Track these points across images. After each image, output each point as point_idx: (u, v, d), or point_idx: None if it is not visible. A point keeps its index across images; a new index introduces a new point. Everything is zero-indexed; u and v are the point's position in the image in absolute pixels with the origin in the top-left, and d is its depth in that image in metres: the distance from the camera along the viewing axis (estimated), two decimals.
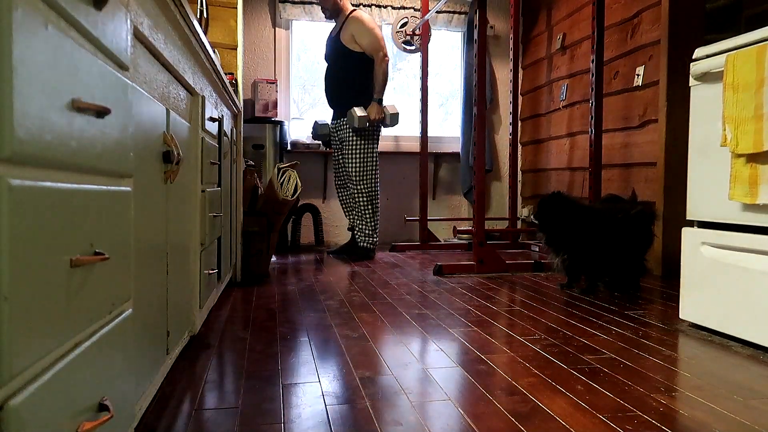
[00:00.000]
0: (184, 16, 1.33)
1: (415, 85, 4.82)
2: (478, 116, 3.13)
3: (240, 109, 2.91)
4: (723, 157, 1.80)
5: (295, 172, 3.16)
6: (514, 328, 1.96)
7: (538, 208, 2.58)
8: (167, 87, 1.30)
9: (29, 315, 0.53)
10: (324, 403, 1.28)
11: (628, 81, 3.41)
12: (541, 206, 2.57)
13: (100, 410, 0.72)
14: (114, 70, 0.78)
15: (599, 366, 1.54)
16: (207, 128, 1.80)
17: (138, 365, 1.03)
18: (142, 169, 1.04)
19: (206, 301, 1.90)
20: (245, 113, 4.35)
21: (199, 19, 2.73)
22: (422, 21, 4.24)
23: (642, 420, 1.19)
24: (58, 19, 0.61)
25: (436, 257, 3.91)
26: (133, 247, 0.93)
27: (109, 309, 0.78)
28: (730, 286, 1.79)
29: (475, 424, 1.17)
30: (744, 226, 1.77)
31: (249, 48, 4.49)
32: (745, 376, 1.48)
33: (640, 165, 3.30)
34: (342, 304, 2.34)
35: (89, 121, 0.68)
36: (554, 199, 2.55)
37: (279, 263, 3.60)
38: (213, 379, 1.45)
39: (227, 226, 2.49)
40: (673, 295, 2.49)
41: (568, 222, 2.51)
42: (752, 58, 1.66)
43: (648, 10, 3.23)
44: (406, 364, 1.57)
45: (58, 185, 0.60)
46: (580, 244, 2.52)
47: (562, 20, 4.25)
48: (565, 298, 2.49)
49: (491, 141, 4.91)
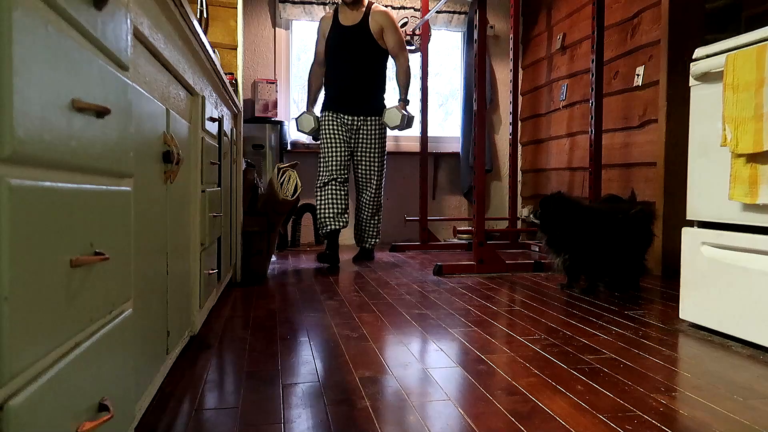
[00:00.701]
0: (184, 16, 1.33)
1: (415, 85, 4.81)
2: (478, 116, 3.13)
3: (240, 109, 2.91)
4: (723, 157, 1.80)
5: (295, 172, 3.16)
6: (514, 328, 1.96)
7: (540, 209, 2.58)
8: (167, 87, 1.30)
9: (29, 315, 0.53)
10: (324, 403, 1.28)
11: (628, 81, 3.41)
12: (542, 207, 2.57)
13: (100, 410, 0.72)
14: (114, 70, 0.78)
15: (599, 366, 1.54)
16: (207, 128, 1.80)
17: (138, 365, 1.03)
18: (142, 169, 1.04)
19: (206, 301, 1.90)
20: (245, 113, 4.35)
21: (199, 19, 2.73)
22: (422, 21, 4.24)
23: (642, 420, 1.19)
24: (58, 19, 0.61)
25: (436, 257, 3.91)
26: (133, 247, 0.93)
27: (109, 309, 0.78)
28: (730, 286, 1.79)
29: (475, 424, 1.17)
30: (744, 226, 1.77)
31: (249, 48, 4.49)
32: (745, 376, 1.48)
33: (640, 165, 3.30)
34: (342, 304, 2.34)
35: (89, 121, 0.68)
36: (555, 200, 2.55)
37: (279, 263, 3.60)
38: (213, 379, 1.45)
39: (227, 226, 2.49)
40: (673, 295, 2.49)
41: (570, 222, 2.51)
42: (752, 58, 1.66)
43: (648, 10, 3.23)
44: (406, 364, 1.57)
45: (58, 185, 0.60)
46: (580, 244, 2.52)
47: (562, 20, 4.25)
48: (565, 298, 2.49)
49: (491, 141, 4.91)
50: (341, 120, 3.55)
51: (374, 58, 3.54)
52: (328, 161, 3.52)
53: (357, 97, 3.54)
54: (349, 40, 3.51)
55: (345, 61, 3.52)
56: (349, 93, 3.54)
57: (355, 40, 3.51)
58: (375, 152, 3.57)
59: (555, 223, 2.54)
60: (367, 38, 3.50)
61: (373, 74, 3.56)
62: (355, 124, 3.56)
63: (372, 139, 3.57)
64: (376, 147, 3.57)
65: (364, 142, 3.57)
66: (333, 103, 3.57)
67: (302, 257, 3.89)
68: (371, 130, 3.56)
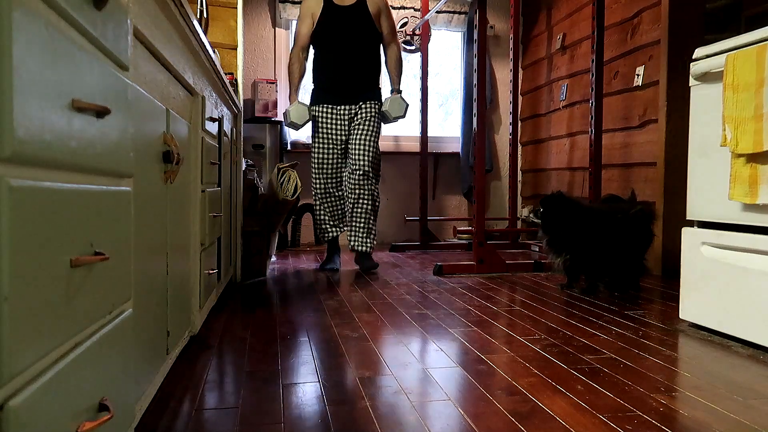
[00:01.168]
0: (184, 16, 1.33)
1: (415, 85, 4.81)
2: (478, 116, 3.13)
3: (240, 109, 2.91)
4: (723, 157, 1.80)
5: (295, 172, 3.16)
6: (514, 328, 1.96)
7: (541, 208, 2.57)
8: (167, 87, 1.30)
9: (29, 315, 0.53)
10: (324, 403, 1.28)
11: (628, 81, 3.41)
12: (543, 206, 2.57)
13: (100, 410, 0.72)
14: (114, 70, 0.78)
15: (599, 366, 1.54)
16: (207, 128, 1.80)
17: (138, 365, 1.03)
18: (142, 169, 1.04)
19: (206, 301, 1.90)
20: (245, 113, 4.35)
21: (199, 19, 2.73)
22: (422, 21, 4.24)
23: (642, 420, 1.19)
24: (58, 20, 0.61)
25: (436, 257, 3.91)
26: (133, 247, 0.93)
27: (109, 309, 0.78)
28: (730, 286, 1.79)
29: (475, 424, 1.17)
30: (744, 226, 1.77)
31: (249, 48, 4.49)
32: (745, 376, 1.48)
33: (640, 165, 3.30)
34: (342, 304, 2.34)
35: (89, 121, 0.68)
36: (556, 200, 2.54)
37: (279, 263, 3.60)
38: (213, 379, 1.45)
39: (227, 226, 2.49)
40: (673, 295, 2.49)
41: (570, 222, 2.51)
42: (752, 58, 1.66)
43: (648, 10, 3.23)
44: (406, 364, 1.57)
45: (58, 185, 0.60)
46: (581, 244, 2.52)
47: (562, 20, 4.25)
48: (565, 298, 2.49)
49: (491, 141, 4.91)
50: (338, 113, 3.25)
51: (372, 42, 3.26)
52: (324, 164, 3.25)
53: (356, 84, 3.23)
54: (346, 21, 3.18)
55: (341, 44, 3.19)
56: (348, 79, 3.22)
57: (353, 21, 3.18)
58: (372, 139, 3.21)
59: (556, 223, 2.54)
60: (366, 19, 3.20)
61: (372, 58, 3.27)
62: (353, 111, 3.25)
63: (371, 130, 3.22)
64: (375, 137, 3.22)
65: (361, 128, 3.21)
66: (328, 94, 3.25)
67: (302, 257, 3.89)
68: (369, 115, 3.23)
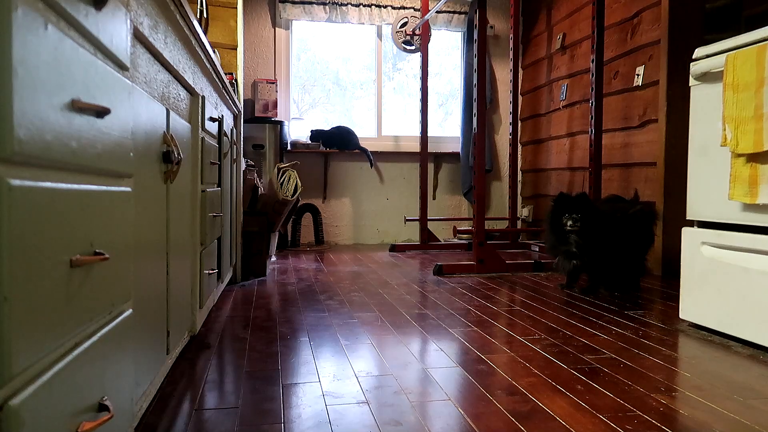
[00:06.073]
0: (184, 16, 1.33)
1: (415, 85, 4.81)
2: (478, 116, 3.13)
3: (240, 109, 2.91)
4: (723, 157, 1.80)
5: (295, 172, 3.16)
6: (514, 328, 1.96)
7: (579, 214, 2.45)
8: (167, 87, 1.30)
9: (29, 315, 0.53)
10: (324, 403, 1.28)
11: (628, 81, 3.41)
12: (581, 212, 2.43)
13: (100, 410, 0.72)
14: (114, 70, 0.78)
15: (599, 366, 1.54)
16: (207, 128, 1.80)
17: (138, 365, 1.03)
18: (142, 169, 1.04)
19: (206, 301, 1.90)
20: (245, 113, 4.35)
21: (199, 19, 2.73)
22: (422, 21, 4.24)
23: (642, 420, 1.19)
24: (58, 19, 0.61)
25: (436, 257, 3.91)
26: (133, 247, 0.93)
27: (109, 309, 0.78)
28: (730, 286, 1.79)
29: (475, 424, 1.17)
30: (744, 226, 1.77)
31: (249, 48, 4.49)
32: (745, 376, 1.48)
33: (640, 165, 3.30)
34: (342, 304, 2.34)
35: (89, 122, 0.68)
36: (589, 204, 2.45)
37: (279, 263, 3.60)
38: (213, 379, 1.45)
39: (227, 226, 2.49)
40: (673, 295, 2.49)
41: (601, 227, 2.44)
42: (752, 58, 1.66)
43: (648, 10, 3.23)
44: (406, 364, 1.57)
45: (58, 185, 0.60)
46: (600, 247, 2.47)
47: (562, 20, 4.25)
48: (565, 298, 2.49)
49: (491, 141, 4.91)
50: None
51: None
52: None
53: None
54: None
55: None
56: None
57: None
58: None
59: (592, 228, 2.44)
60: None
61: None
62: None
63: None
64: None
65: None
66: None
67: (302, 257, 3.89)
68: None
